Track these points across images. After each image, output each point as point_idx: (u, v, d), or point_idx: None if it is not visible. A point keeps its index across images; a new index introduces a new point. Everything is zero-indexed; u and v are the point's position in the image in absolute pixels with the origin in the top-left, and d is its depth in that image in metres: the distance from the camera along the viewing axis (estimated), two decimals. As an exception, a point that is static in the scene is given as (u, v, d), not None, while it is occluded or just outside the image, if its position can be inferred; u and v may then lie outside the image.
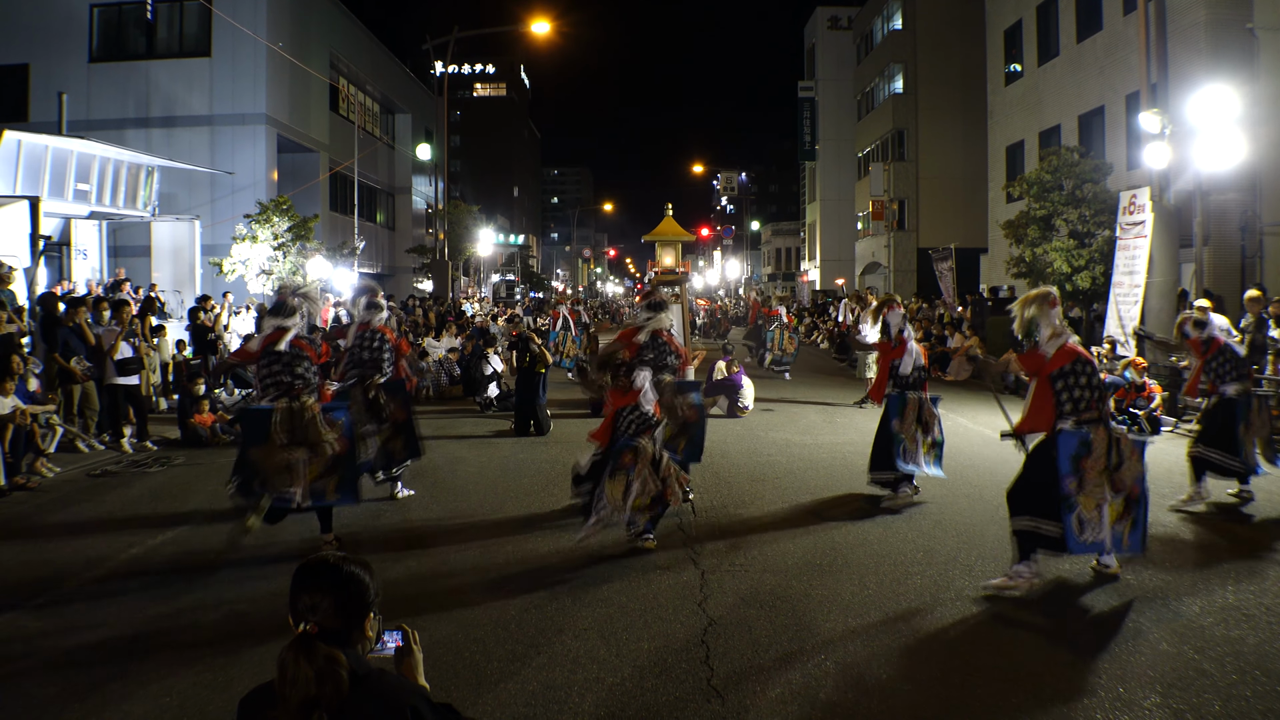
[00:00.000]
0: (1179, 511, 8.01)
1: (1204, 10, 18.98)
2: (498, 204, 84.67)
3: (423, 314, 25.73)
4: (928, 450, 8.43)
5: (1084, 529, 5.78)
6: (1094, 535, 5.80)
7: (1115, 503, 5.85)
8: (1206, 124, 14.09)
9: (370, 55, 35.91)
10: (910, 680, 4.60)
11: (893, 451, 8.31)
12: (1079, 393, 5.88)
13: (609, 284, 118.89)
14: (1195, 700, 4.37)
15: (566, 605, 5.70)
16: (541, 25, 31.40)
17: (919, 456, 8.36)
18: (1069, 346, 5.98)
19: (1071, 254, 18.35)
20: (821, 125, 54.96)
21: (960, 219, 37.53)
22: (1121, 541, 5.92)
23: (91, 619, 5.52)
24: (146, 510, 8.25)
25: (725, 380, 14.28)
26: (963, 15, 37.86)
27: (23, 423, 9.25)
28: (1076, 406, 5.87)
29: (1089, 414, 5.86)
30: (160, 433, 12.07)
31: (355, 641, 2.26)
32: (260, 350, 6.90)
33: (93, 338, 11.17)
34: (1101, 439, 5.84)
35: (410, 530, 7.54)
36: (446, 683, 4.53)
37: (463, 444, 11.80)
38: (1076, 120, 25.46)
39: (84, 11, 25.80)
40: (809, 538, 7.22)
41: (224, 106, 25.75)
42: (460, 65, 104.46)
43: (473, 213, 40.08)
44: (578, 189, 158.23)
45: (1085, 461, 5.80)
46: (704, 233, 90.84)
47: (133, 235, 22.62)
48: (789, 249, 74.39)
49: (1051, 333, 6.06)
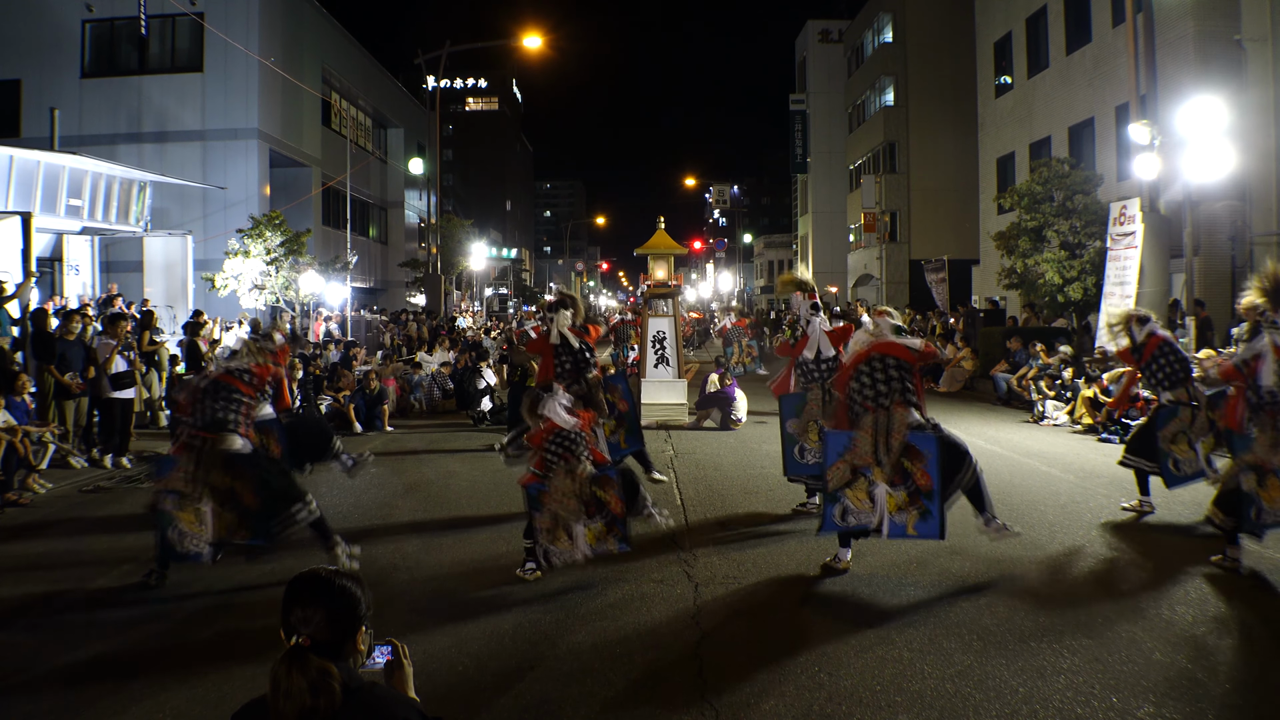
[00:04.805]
0: (1128, 510, 8.33)
1: (1192, 22, 19.12)
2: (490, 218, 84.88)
3: (416, 328, 25.74)
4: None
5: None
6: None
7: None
8: (1195, 135, 14.17)
9: (362, 70, 36.00)
10: (903, 692, 4.60)
11: (788, 454, 8.32)
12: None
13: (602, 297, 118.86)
14: (1189, 709, 4.37)
15: (560, 618, 5.69)
16: (534, 40, 31.49)
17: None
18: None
19: (1063, 265, 18.42)
20: (813, 138, 55.23)
21: (952, 231, 37.65)
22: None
23: (84, 634, 5.49)
24: (139, 525, 8.20)
25: (718, 393, 14.29)
26: (953, 28, 38.05)
27: (15, 439, 9.22)
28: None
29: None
30: (154, 448, 12.04)
31: (347, 655, 2.26)
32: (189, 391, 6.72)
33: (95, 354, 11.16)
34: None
35: (402, 544, 7.52)
36: (440, 696, 4.52)
37: (455, 458, 11.80)
38: (1067, 132, 25.59)
39: (76, 27, 25.86)
40: (802, 550, 7.21)
41: (216, 121, 25.78)
42: (452, 80, 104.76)
43: (465, 227, 40.13)
44: (570, 202, 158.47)
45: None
46: (696, 245, 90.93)
47: (125, 250, 22.60)
48: (781, 261, 74.61)
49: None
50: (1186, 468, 7.98)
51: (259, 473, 6.45)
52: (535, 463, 6.49)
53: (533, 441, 6.62)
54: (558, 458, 6.38)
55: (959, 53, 36.36)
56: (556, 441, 6.42)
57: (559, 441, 6.42)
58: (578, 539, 6.27)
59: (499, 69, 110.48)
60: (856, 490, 6.30)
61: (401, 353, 22.03)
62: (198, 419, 6.48)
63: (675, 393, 14.52)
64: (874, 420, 6.32)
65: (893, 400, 6.33)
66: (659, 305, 14.88)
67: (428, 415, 16.16)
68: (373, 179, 37.46)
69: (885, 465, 6.22)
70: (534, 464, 6.50)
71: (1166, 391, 8.17)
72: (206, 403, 6.53)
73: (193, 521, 6.29)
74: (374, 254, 37.82)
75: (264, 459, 6.76)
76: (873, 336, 6.64)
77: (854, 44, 48.40)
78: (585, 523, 6.30)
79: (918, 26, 40.88)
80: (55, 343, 11.16)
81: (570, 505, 6.28)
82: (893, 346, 6.52)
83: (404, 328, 26.39)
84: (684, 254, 17.14)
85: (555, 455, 6.39)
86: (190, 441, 6.43)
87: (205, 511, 6.29)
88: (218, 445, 6.34)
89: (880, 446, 6.25)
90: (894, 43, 41.95)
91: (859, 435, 6.34)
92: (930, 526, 6.17)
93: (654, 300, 14.93)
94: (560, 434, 6.44)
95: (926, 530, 6.19)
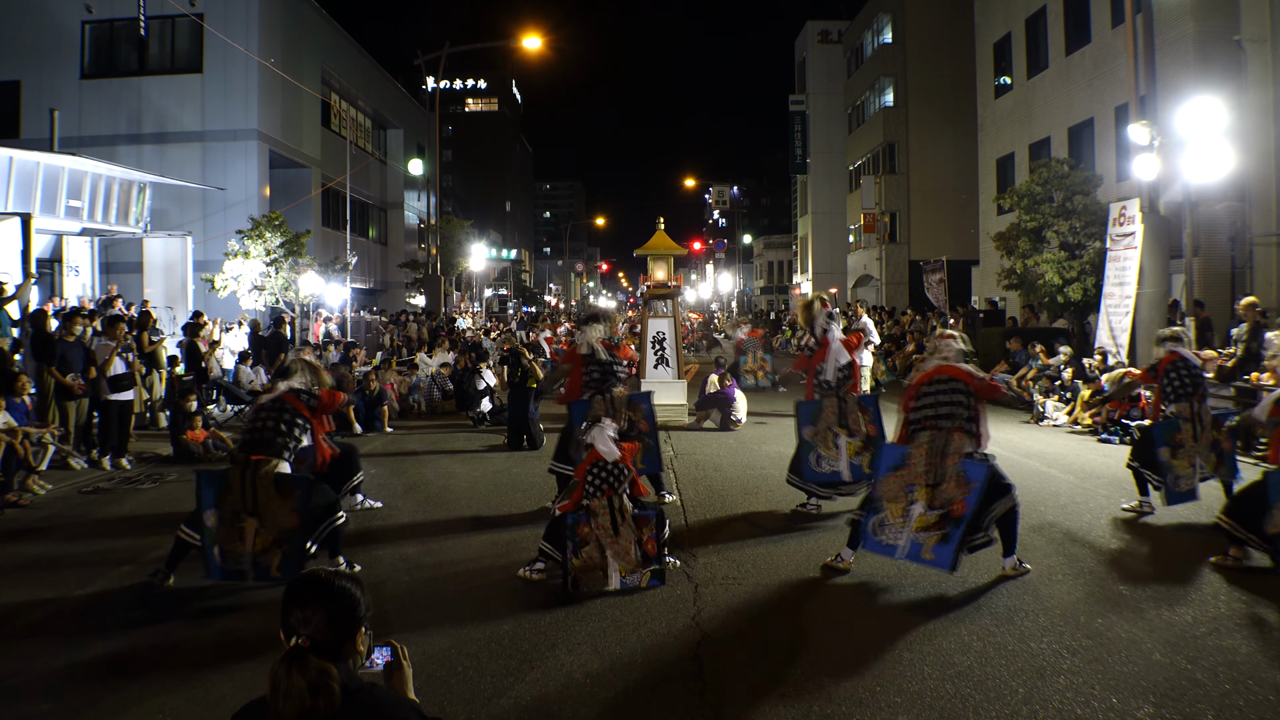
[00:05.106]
0: (1128, 512, 8.38)
1: (1192, 23, 19.12)
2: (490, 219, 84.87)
3: (415, 329, 25.75)
4: (855, 453, 8.34)
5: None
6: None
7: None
8: (1195, 135, 14.17)
9: (362, 71, 36.00)
10: (902, 693, 4.60)
11: (804, 460, 8.40)
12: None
13: (602, 298, 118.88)
14: (1189, 710, 4.37)
15: (560, 619, 5.68)
16: (533, 41, 31.50)
17: (841, 462, 8.34)
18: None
19: (1063, 266, 18.41)
20: (813, 138, 55.27)
21: (951, 231, 37.67)
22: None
23: (84, 635, 5.49)
24: (139, 527, 8.22)
25: (718, 394, 14.29)
26: (952, 28, 38.07)
27: (15, 441, 9.21)
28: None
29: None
30: (153, 449, 12.05)
31: (346, 656, 2.26)
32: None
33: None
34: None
35: (402, 545, 7.52)
36: (439, 698, 4.52)
37: (455, 459, 11.79)
38: (1066, 132, 25.60)
39: (76, 28, 25.86)
40: (802, 550, 7.22)
41: (216, 122, 25.78)
42: (452, 80, 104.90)
43: (465, 227, 40.16)
44: (570, 203, 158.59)
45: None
46: (696, 246, 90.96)
47: (125, 251, 22.60)
48: (781, 262, 74.63)
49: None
50: (1184, 484, 8.06)
51: (303, 491, 6.30)
52: (575, 493, 6.50)
53: (576, 472, 6.63)
54: (598, 490, 6.39)
55: (958, 53, 36.38)
56: (597, 473, 6.44)
57: (601, 473, 6.43)
58: (611, 571, 6.26)
59: (499, 70, 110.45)
60: (897, 504, 6.34)
61: (401, 354, 22.04)
62: (249, 437, 6.42)
63: (675, 393, 14.52)
64: (930, 440, 6.34)
65: (954, 425, 6.34)
66: (659, 306, 14.88)
67: (427, 416, 16.16)
68: (372, 180, 37.46)
69: (931, 486, 6.23)
70: (574, 494, 6.52)
71: (1171, 404, 8.26)
72: (263, 419, 6.47)
73: (233, 539, 6.13)
74: (374, 255, 37.82)
75: (307, 479, 6.66)
76: (941, 358, 6.67)
77: (853, 45, 48.43)
78: (620, 556, 6.29)
79: (917, 27, 40.90)
80: (56, 344, 11.16)
81: (610, 535, 6.30)
82: (957, 371, 6.55)
83: (404, 329, 26.41)
84: (684, 255, 17.14)
85: (596, 487, 6.41)
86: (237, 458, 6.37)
87: (247, 529, 6.12)
88: (264, 469, 6.20)
89: (934, 468, 6.26)
90: (893, 43, 41.97)
91: (914, 452, 6.37)
92: (945, 553, 6.08)
93: (654, 301, 14.94)
94: (602, 465, 6.45)
95: (940, 556, 6.10)
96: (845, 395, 8.40)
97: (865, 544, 6.46)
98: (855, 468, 8.27)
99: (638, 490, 6.69)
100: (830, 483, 8.39)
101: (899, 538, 6.25)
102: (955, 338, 6.86)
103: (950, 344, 6.76)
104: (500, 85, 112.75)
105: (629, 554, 6.29)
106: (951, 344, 6.76)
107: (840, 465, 8.32)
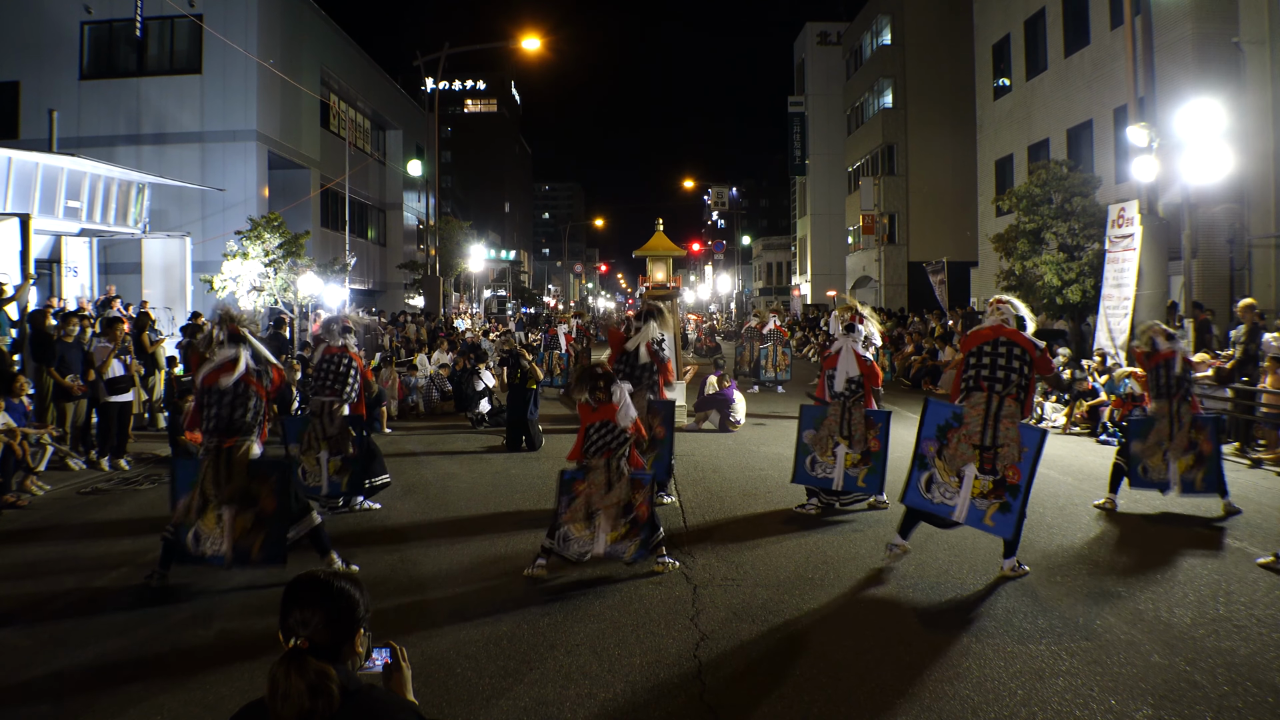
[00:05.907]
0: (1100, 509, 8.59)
1: (1190, 25, 19.14)
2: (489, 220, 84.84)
3: (414, 330, 25.73)
4: (853, 465, 8.40)
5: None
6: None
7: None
8: (1194, 137, 14.19)
9: (361, 71, 35.98)
10: (902, 695, 4.60)
11: (799, 462, 8.58)
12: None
13: (600, 299, 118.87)
14: (1187, 712, 4.37)
15: (559, 620, 5.68)
16: (532, 42, 31.45)
17: (836, 470, 8.40)
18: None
19: (1061, 267, 18.43)
20: (812, 140, 55.28)
21: (950, 233, 37.68)
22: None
23: (82, 637, 5.48)
24: (137, 528, 8.20)
25: (717, 395, 14.29)
26: (951, 30, 38.10)
27: (14, 442, 9.20)
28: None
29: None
30: (152, 450, 12.04)
31: (345, 657, 2.25)
32: (200, 387, 6.60)
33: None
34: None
35: (401, 546, 7.51)
36: (438, 699, 4.52)
37: (454, 459, 11.79)
38: (1065, 134, 25.61)
39: (75, 29, 25.81)
40: (801, 551, 7.22)
41: (215, 123, 25.74)
42: (451, 81, 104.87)
43: (464, 228, 40.13)
44: (569, 204, 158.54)
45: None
46: (695, 247, 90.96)
47: (123, 252, 22.55)
48: (780, 263, 74.59)
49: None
50: (1154, 475, 8.27)
51: (279, 477, 6.46)
52: (577, 442, 6.66)
53: (581, 423, 6.73)
54: (598, 450, 6.51)
55: (957, 55, 36.40)
56: (603, 431, 6.53)
57: (606, 432, 6.53)
58: (599, 532, 6.35)
59: (498, 71, 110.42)
60: (948, 463, 6.36)
61: (399, 355, 22.02)
62: (216, 425, 6.45)
63: (673, 394, 14.48)
64: (985, 400, 6.36)
65: (1008, 391, 6.34)
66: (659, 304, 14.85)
67: (426, 417, 16.15)
68: (371, 181, 37.44)
69: (983, 449, 6.26)
70: (576, 444, 6.67)
71: (1153, 401, 8.44)
72: (229, 405, 6.49)
73: (211, 523, 6.27)
74: (372, 256, 37.80)
75: (281, 462, 6.77)
76: (1000, 318, 6.64)
77: (853, 46, 48.44)
78: (610, 519, 6.38)
79: (916, 29, 40.91)
80: (54, 344, 11.14)
81: (601, 494, 6.42)
82: (1020, 337, 6.52)
83: (403, 330, 26.39)
84: (683, 256, 17.15)
85: (597, 446, 6.51)
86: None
87: (225, 516, 6.27)
88: (237, 454, 6.32)
89: (988, 429, 6.27)
90: (892, 45, 41.97)
91: (968, 411, 6.38)
92: (1007, 522, 6.15)
93: (655, 298, 14.92)
94: (609, 426, 6.54)
95: (1002, 525, 6.15)
96: (852, 406, 8.46)
97: (910, 499, 6.48)
98: (849, 478, 8.35)
99: (634, 461, 6.73)
100: (824, 487, 8.50)
101: (954, 498, 6.29)
102: (1011, 303, 6.80)
103: (1007, 308, 6.70)
104: (499, 86, 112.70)
105: (617, 518, 6.41)
106: (1007, 308, 6.70)
107: (834, 473, 8.40)
